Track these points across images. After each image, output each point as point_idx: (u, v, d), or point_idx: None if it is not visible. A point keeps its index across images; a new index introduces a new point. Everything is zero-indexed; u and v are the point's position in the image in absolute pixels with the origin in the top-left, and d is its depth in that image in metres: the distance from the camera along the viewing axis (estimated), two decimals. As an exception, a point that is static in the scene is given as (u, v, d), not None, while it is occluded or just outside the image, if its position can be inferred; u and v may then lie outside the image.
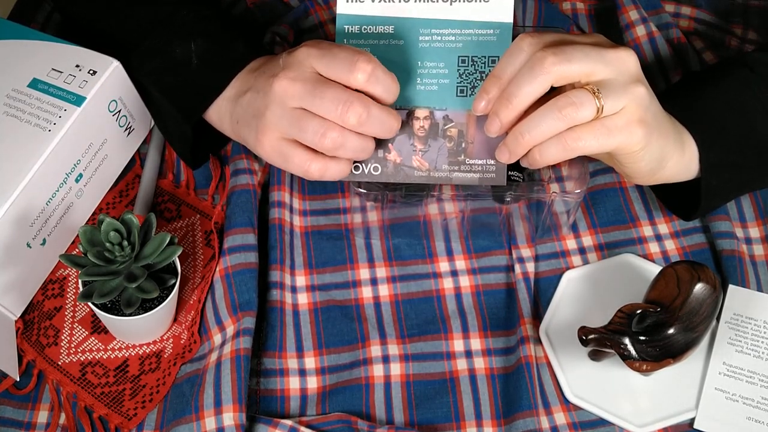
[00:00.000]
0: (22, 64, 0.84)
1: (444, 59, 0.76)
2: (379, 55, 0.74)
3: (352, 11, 0.77)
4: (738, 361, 0.79)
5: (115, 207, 0.88)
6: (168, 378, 0.79)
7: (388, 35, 0.77)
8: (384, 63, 0.72)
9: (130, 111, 0.87)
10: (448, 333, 0.81)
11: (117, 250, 0.73)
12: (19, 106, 0.81)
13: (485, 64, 0.76)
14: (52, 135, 0.80)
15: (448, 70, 0.76)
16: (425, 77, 0.77)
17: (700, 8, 1.00)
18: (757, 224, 0.87)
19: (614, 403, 0.78)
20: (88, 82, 0.82)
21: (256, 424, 0.75)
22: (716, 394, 0.78)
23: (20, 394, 0.78)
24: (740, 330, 0.81)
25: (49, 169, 0.80)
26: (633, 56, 0.71)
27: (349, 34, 0.77)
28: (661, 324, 0.74)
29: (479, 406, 0.78)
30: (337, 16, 0.76)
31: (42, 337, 0.81)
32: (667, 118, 0.75)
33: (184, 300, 0.83)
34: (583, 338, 0.74)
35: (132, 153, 0.90)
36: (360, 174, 0.77)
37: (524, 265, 0.84)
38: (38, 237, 0.81)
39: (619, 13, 0.95)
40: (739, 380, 0.78)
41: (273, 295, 0.82)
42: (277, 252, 0.84)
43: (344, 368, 0.80)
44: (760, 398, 0.77)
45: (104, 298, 0.73)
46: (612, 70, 0.70)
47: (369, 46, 0.77)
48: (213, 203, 0.89)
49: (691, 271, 0.75)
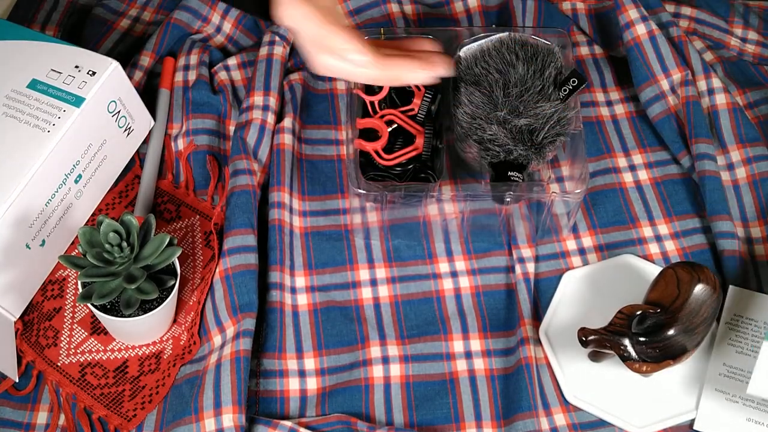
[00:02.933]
0: (21, 64, 0.84)
1: None
2: None
3: None
4: (738, 362, 0.79)
5: (114, 208, 0.88)
6: (167, 379, 0.79)
7: None
8: None
9: (130, 112, 0.87)
10: (448, 334, 0.81)
11: (116, 251, 0.73)
12: (19, 106, 0.81)
13: None
14: (51, 136, 0.80)
15: None
16: None
17: (700, 8, 1.00)
18: (758, 224, 0.87)
19: (614, 404, 0.77)
20: (87, 82, 0.82)
21: (256, 425, 0.75)
22: (716, 395, 0.78)
23: (20, 395, 0.78)
24: (740, 331, 0.81)
25: (49, 169, 0.80)
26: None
27: None
28: (661, 325, 0.74)
29: (479, 406, 0.78)
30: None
31: (41, 338, 0.81)
32: None
33: (184, 301, 0.83)
34: (583, 339, 0.74)
35: (131, 153, 0.90)
36: None
37: (524, 265, 0.84)
38: (37, 238, 0.81)
39: (619, 12, 0.95)
40: (740, 381, 0.78)
41: (273, 296, 0.82)
42: (277, 253, 0.84)
43: (344, 369, 0.80)
44: (759, 399, 0.77)
45: (103, 299, 0.73)
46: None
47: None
48: (212, 204, 0.89)
49: (691, 272, 0.75)
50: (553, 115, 0.81)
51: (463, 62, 0.86)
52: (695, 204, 0.89)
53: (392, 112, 0.84)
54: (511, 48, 0.84)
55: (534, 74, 0.83)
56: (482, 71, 0.84)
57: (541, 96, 0.82)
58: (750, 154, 0.90)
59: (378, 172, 0.83)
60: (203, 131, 0.92)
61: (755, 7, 1.02)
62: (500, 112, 0.81)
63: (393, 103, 0.86)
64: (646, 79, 0.93)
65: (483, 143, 0.81)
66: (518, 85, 0.82)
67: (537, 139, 0.81)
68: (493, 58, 0.84)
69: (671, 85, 0.92)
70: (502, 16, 1.00)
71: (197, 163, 0.90)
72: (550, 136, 0.81)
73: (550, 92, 0.82)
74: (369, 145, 0.83)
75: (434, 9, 1.01)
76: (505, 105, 0.81)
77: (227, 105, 0.94)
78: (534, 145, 0.81)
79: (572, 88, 0.82)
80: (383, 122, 0.84)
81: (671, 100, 0.92)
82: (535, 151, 0.81)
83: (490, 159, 0.82)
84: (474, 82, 0.84)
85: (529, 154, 0.81)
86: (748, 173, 0.89)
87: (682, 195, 0.89)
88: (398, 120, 0.84)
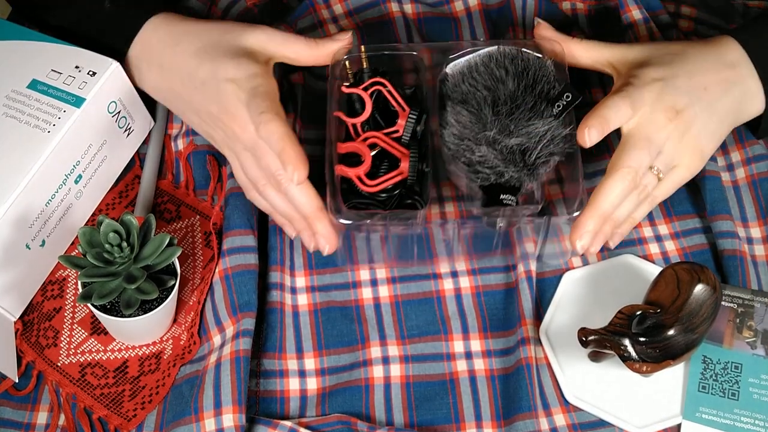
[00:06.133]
0: (21, 65, 0.84)
1: None
2: None
3: None
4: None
5: (114, 208, 0.88)
6: (167, 379, 0.79)
7: None
8: None
9: (130, 112, 0.87)
10: (448, 334, 0.81)
11: (116, 251, 0.73)
12: (19, 107, 0.81)
13: None
14: (51, 136, 0.79)
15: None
16: None
17: (700, 8, 1.00)
18: (758, 224, 0.87)
19: (614, 405, 0.77)
20: (88, 83, 0.82)
21: (256, 426, 0.75)
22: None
23: (20, 395, 0.78)
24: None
25: (48, 170, 0.79)
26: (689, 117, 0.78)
27: None
28: (661, 325, 0.74)
29: (479, 407, 0.78)
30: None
31: (41, 338, 0.81)
32: (723, 107, 0.80)
33: (184, 301, 0.83)
34: (583, 339, 0.74)
35: (131, 154, 0.90)
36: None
37: (527, 262, 0.83)
38: (37, 238, 0.81)
39: (622, 12, 0.95)
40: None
41: (273, 296, 0.82)
42: (277, 253, 0.84)
43: (344, 369, 0.80)
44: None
45: (103, 299, 0.73)
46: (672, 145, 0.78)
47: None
48: (212, 204, 0.88)
49: (691, 272, 0.75)
50: (546, 134, 0.77)
51: (449, 79, 0.83)
52: (695, 204, 0.89)
53: (376, 135, 0.80)
54: (500, 62, 0.81)
55: (525, 90, 0.79)
56: (470, 88, 0.80)
57: (533, 113, 0.78)
58: (750, 154, 0.90)
59: (362, 200, 0.79)
60: (203, 131, 0.92)
61: (755, 7, 1.02)
62: (489, 131, 0.77)
63: (377, 125, 0.82)
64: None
65: (472, 166, 0.78)
66: (508, 102, 0.78)
67: (529, 160, 0.77)
68: (481, 74, 0.81)
69: None
70: (502, 16, 1.00)
71: (197, 163, 0.90)
72: (544, 155, 0.77)
73: (542, 109, 0.78)
74: (351, 171, 0.78)
75: (434, 8, 1.00)
76: (494, 124, 0.77)
77: (227, 105, 0.94)
78: (526, 166, 0.77)
79: (566, 104, 0.78)
80: (366, 146, 0.79)
81: None
82: (527, 173, 0.77)
83: (481, 182, 0.78)
84: (461, 100, 0.80)
85: (521, 175, 0.77)
86: (748, 173, 0.89)
87: (682, 195, 0.89)
88: (382, 143, 0.80)
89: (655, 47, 0.82)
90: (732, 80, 0.80)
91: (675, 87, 0.78)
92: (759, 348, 0.79)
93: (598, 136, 0.75)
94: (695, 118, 0.78)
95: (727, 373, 0.78)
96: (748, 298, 0.81)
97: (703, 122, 0.78)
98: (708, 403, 0.77)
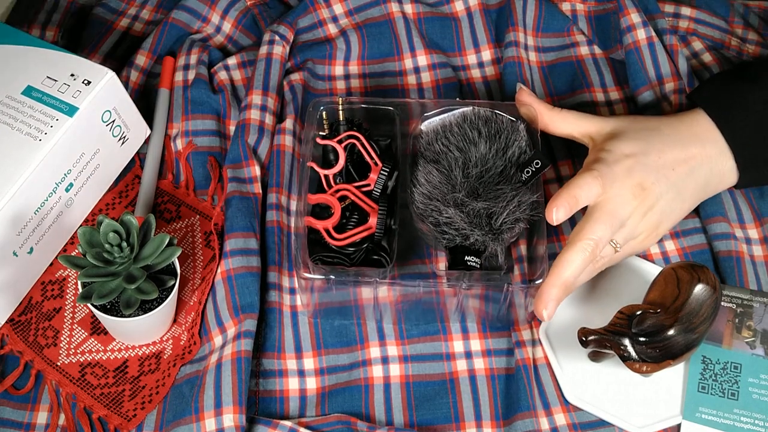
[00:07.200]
0: (17, 70, 0.83)
1: None
2: None
3: None
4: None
5: (114, 208, 0.88)
6: (167, 379, 0.79)
7: None
8: None
9: (125, 121, 0.86)
10: (448, 334, 0.81)
11: (116, 251, 0.73)
12: (12, 113, 0.81)
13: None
14: (42, 144, 0.79)
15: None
16: None
17: (700, 8, 1.00)
18: (755, 225, 0.87)
19: (614, 405, 0.77)
20: (82, 92, 0.81)
21: (256, 426, 0.75)
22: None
23: (20, 395, 0.78)
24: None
25: (39, 178, 0.79)
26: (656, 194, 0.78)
27: None
28: (661, 325, 0.74)
29: (479, 406, 0.78)
30: None
31: (41, 338, 0.81)
32: (687, 188, 0.80)
33: (184, 301, 0.83)
34: (583, 339, 0.74)
35: (126, 162, 0.90)
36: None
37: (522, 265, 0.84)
38: (25, 245, 0.80)
39: (621, 15, 0.95)
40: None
41: (271, 296, 0.82)
42: (275, 254, 0.84)
43: (343, 369, 0.80)
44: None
45: (103, 299, 0.73)
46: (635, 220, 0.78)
47: None
48: (213, 204, 0.88)
49: (691, 272, 0.75)
50: (514, 199, 0.77)
51: (423, 137, 0.83)
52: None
53: (347, 188, 0.80)
54: (474, 124, 0.81)
55: (496, 153, 0.80)
56: (442, 148, 0.81)
57: (502, 177, 0.79)
58: None
59: (328, 253, 0.78)
60: (203, 131, 0.92)
61: (755, 7, 1.02)
62: (458, 193, 0.77)
63: (349, 177, 0.82)
64: (644, 83, 0.93)
65: (439, 226, 0.78)
66: (479, 165, 0.78)
67: (495, 224, 0.77)
68: (455, 134, 0.81)
69: (664, 92, 0.92)
70: (502, 16, 1.00)
71: (197, 163, 0.90)
72: (510, 221, 0.77)
73: (511, 174, 0.79)
74: (320, 223, 0.78)
75: (434, 8, 1.00)
76: (464, 186, 0.77)
77: (227, 105, 0.94)
78: (492, 230, 0.77)
79: (534, 170, 0.78)
80: (336, 198, 0.80)
81: (665, 106, 0.92)
82: (492, 237, 0.77)
83: (446, 243, 0.78)
84: (433, 159, 0.81)
85: (486, 239, 0.77)
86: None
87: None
88: (352, 196, 0.80)
89: (632, 121, 0.82)
90: (699, 160, 0.80)
91: (645, 164, 0.78)
92: (758, 348, 0.79)
93: (566, 215, 0.75)
94: (660, 197, 0.78)
95: (726, 373, 0.78)
96: (747, 298, 0.81)
97: (667, 201, 0.79)
98: (708, 403, 0.77)
